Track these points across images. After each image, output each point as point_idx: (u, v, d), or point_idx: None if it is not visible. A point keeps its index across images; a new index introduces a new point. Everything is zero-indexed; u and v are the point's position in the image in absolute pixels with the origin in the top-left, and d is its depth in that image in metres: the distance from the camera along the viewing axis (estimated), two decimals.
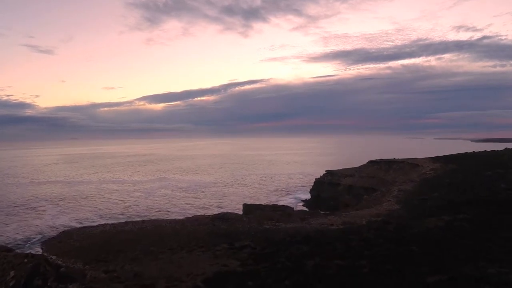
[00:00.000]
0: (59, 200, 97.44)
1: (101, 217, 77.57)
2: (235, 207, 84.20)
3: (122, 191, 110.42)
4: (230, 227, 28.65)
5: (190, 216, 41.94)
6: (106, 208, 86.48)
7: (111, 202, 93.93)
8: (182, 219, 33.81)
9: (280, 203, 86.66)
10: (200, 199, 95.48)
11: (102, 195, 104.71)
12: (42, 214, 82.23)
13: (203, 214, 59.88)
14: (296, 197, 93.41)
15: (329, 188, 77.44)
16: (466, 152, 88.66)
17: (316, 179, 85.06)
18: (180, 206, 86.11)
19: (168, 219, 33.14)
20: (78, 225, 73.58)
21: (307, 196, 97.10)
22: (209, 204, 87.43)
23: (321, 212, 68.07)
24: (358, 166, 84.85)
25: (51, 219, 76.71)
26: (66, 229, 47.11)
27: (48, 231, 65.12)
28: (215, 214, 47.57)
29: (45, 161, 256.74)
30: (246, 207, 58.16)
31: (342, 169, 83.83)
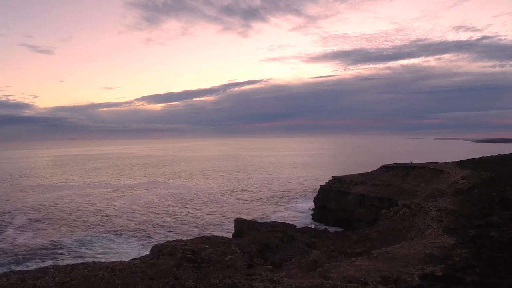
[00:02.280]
0: (32, 209, 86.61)
1: (72, 232, 66.65)
2: (227, 218, 73.40)
3: (105, 198, 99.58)
4: (201, 284, 17.66)
5: (163, 242, 31.15)
6: (81, 220, 75.55)
7: (89, 211, 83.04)
8: (132, 263, 22.63)
9: (280, 214, 75.98)
10: (189, 208, 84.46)
11: (82, 203, 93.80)
12: (5, 227, 71.38)
13: (180, 238, 48.84)
14: (297, 207, 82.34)
15: (337, 198, 66.49)
16: (491, 155, 78.01)
17: (321, 186, 74.09)
18: (164, 218, 75.20)
19: (111, 263, 21.97)
20: (42, 243, 63.24)
21: (310, 204, 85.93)
22: (197, 216, 76.45)
23: (329, 230, 57.28)
24: (369, 171, 73.93)
25: (13, 234, 65.79)
26: None
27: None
28: (194, 239, 36.63)
29: (36, 163, 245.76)
30: (239, 224, 47.30)
31: (351, 175, 72.85)
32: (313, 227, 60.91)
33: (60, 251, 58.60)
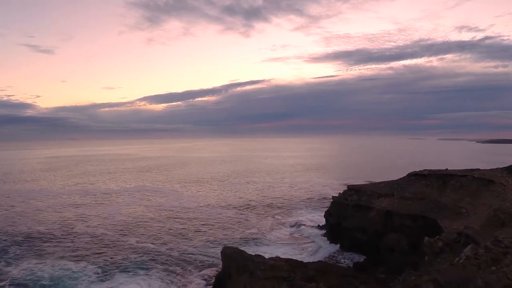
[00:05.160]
0: None
1: (26, 255, 53.23)
2: (215, 238, 59.55)
3: (80, 208, 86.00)
4: None
5: None
6: (43, 236, 61.71)
7: (55, 225, 69.32)
8: None
9: (280, 233, 62.08)
10: (174, 222, 70.50)
11: (52, 213, 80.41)
12: None
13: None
14: (302, 222, 67.69)
15: (355, 214, 52.75)
16: None
17: (334, 198, 60.26)
18: (141, 236, 61.43)
19: None
20: None
21: (316, 217, 72.29)
22: (182, 234, 62.26)
23: (350, 265, 43.68)
24: (395, 179, 59.87)
25: None
26: None
27: None
28: None
29: (27, 165, 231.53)
30: (226, 261, 33.70)
31: (372, 185, 59.06)
32: (327, 259, 47.27)
33: (1, 283, 45.65)
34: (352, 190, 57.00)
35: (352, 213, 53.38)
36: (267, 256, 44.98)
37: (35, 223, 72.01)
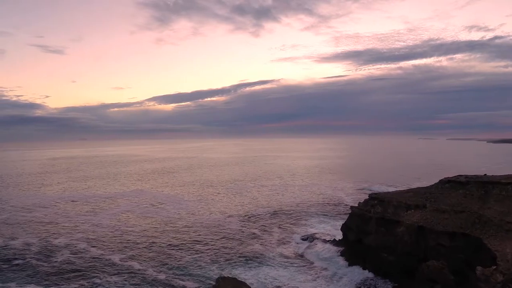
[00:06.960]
0: None
1: None
2: (212, 258, 50.96)
3: (71, 214, 78.84)
4: None
5: None
6: (15, 253, 54.09)
7: (34, 238, 61.37)
8: None
9: (287, 251, 53.07)
10: (169, 236, 61.99)
11: (37, 222, 72.93)
12: None
13: None
14: (315, 237, 58.40)
15: (380, 229, 44.00)
16: None
17: (352, 208, 51.33)
18: (128, 251, 53.25)
19: None
20: None
21: (332, 229, 63.37)
22: (175, 249, 53.90)
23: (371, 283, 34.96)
24: (426, 186, 50.83)
25: None
26: None
27: None
28: None
29: (28, 167, 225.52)
30: None
31: (399, 193, 49.97)
32: None
33: None
34: (375, 200, 47.99)
35: (376, 228, 44.54)
36: (271, 284, 36.74)
37: (14, 235, 64.39)
